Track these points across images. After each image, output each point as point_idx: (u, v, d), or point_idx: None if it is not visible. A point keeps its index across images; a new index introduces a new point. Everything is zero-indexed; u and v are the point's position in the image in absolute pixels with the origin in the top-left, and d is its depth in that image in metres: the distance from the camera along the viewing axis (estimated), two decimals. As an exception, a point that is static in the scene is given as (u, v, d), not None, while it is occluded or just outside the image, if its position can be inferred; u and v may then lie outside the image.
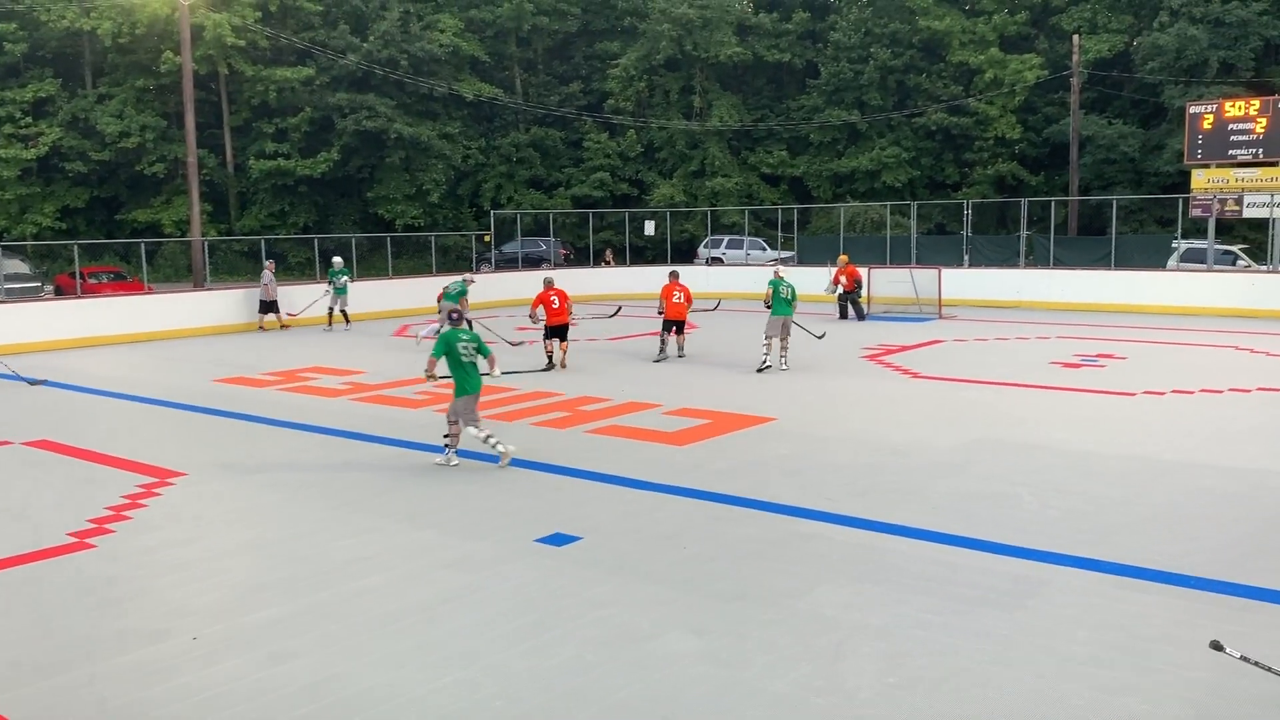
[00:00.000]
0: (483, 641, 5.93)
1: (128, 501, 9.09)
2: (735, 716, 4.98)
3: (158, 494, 9.37)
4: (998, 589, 6.63)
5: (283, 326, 24.69)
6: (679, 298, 17.87)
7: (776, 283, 16.57)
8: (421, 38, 44.29)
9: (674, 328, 17.95)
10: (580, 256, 40.27)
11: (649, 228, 36.91)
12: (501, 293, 30.77)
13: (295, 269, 40.70)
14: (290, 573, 7.20)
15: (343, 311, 24.34)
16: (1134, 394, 13.70)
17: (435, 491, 9.38)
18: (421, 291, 28.75)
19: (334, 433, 12.12)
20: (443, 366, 10.34)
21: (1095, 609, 6.27)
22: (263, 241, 30.45)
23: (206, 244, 32.93)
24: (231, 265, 41.16)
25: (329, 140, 44.00)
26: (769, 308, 16.42)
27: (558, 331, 16.99)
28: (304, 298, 25.03)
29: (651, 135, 46.15)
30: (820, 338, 19.01)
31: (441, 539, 7.90)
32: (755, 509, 8.59)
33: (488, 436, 10.21)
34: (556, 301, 16.82)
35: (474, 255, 37.39)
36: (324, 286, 24.79)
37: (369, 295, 27.02)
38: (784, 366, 16.42)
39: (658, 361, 17.60)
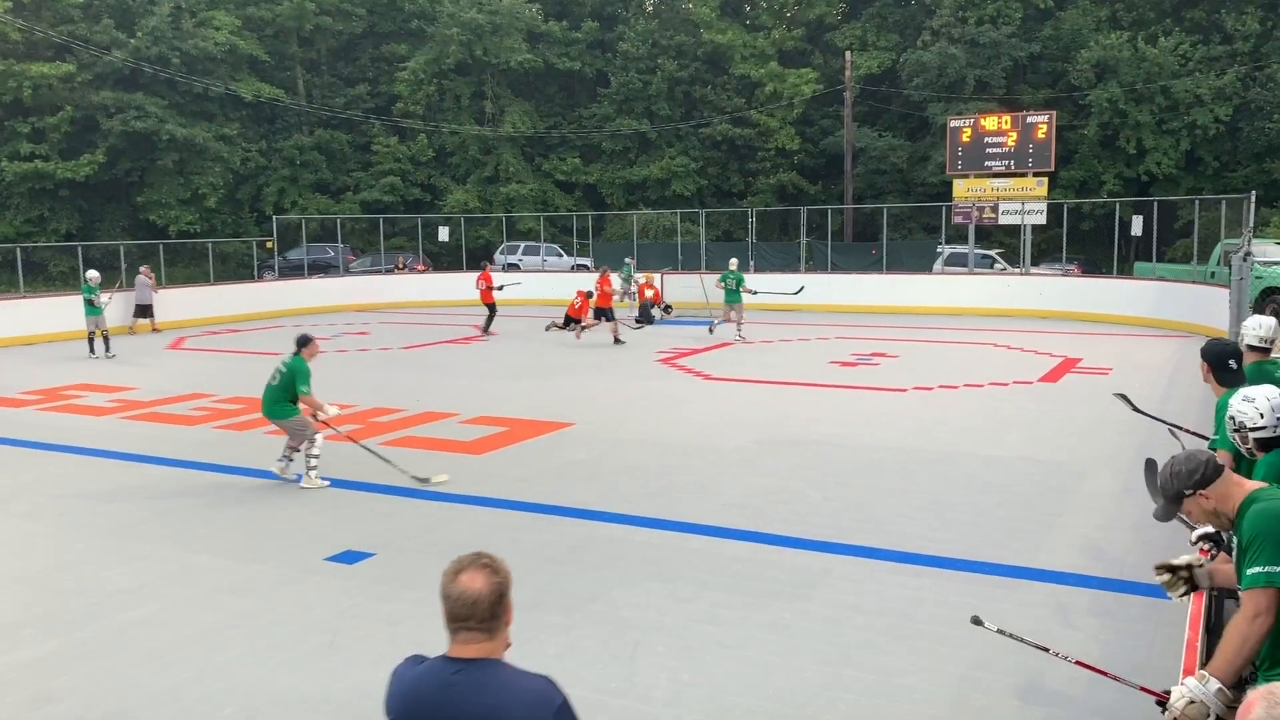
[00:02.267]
0: (269, 668, 5.67)
1: None
2: (533, 724, 4.96)
3: (-108, 530, 8.46)
4: (784, 581, 6.92)
5: (154, 330, 24.73)
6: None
7: (725, 274, 21.91)
8: (195, 35, 41.96)
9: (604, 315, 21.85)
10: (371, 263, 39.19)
11: (443, 234, 36.36)
12: (293, 300, 29.57)
13: (57, 280, 37.67)
14: (53, 607, 6.65)
15: (104, 335, 20.17)
16: (905, 390, 14.60)
17: (214, 513, 8.89)
18: (199, 301, 27.27)
19: (101, 454, 11.28)
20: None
21: (872, 595, 6.64)
22: (18, 250, 28.04)
23: (-51, 252, 30.05)
24: (-19, 275, 37.64)
25: (93, 141, 40.99)
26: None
27: (601, 312, 21.47)
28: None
29: (443, 140, 45.51)
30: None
31: (222, 563, 7.50)
32: (554, 515, 8.61)
33: (283, 460, 10.00)
34: (597, 289, 21.68)
35: (255, 263, 35.72)
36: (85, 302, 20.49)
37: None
38: (739, 337, 21.13)
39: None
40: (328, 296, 30.85)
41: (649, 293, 26.10)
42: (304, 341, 9.85)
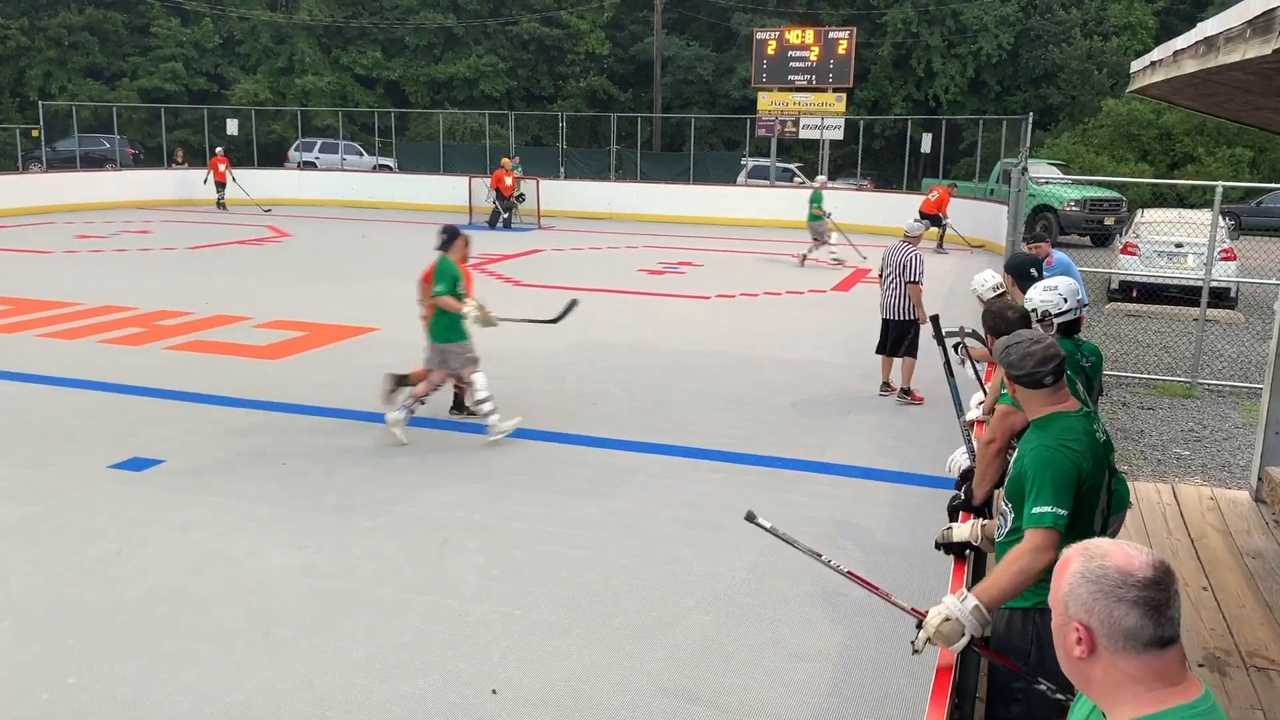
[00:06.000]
0: (48, 579, 5.36)
1: None
2: (341, 625, 4.94)
3: None
4: (590, 478, 7.07)
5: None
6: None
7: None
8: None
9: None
10: (152, 157, 36.44)
11: (231, 127, 34.07)
12: (64, 195, 27.19)
13: None
14: None
15: None
16: (709, 297, 14.99)
17: (-18, 420, 8.23)
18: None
19: None
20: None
21: (675, 490, 6.89)
22: None
23: None
24: None
25: None
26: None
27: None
28: None
29: (232, 26, 42.41)
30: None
31: (-8, 472, 6.98)
32: (358, 419, 8.44)
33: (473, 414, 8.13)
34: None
35: (19, 153, 32.55)
36: None
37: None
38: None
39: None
40: (103, 192, 28.56)
41: (508, 180, 25.09)
42: (451, 235, 7.96)
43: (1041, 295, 4.50)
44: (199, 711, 4.16)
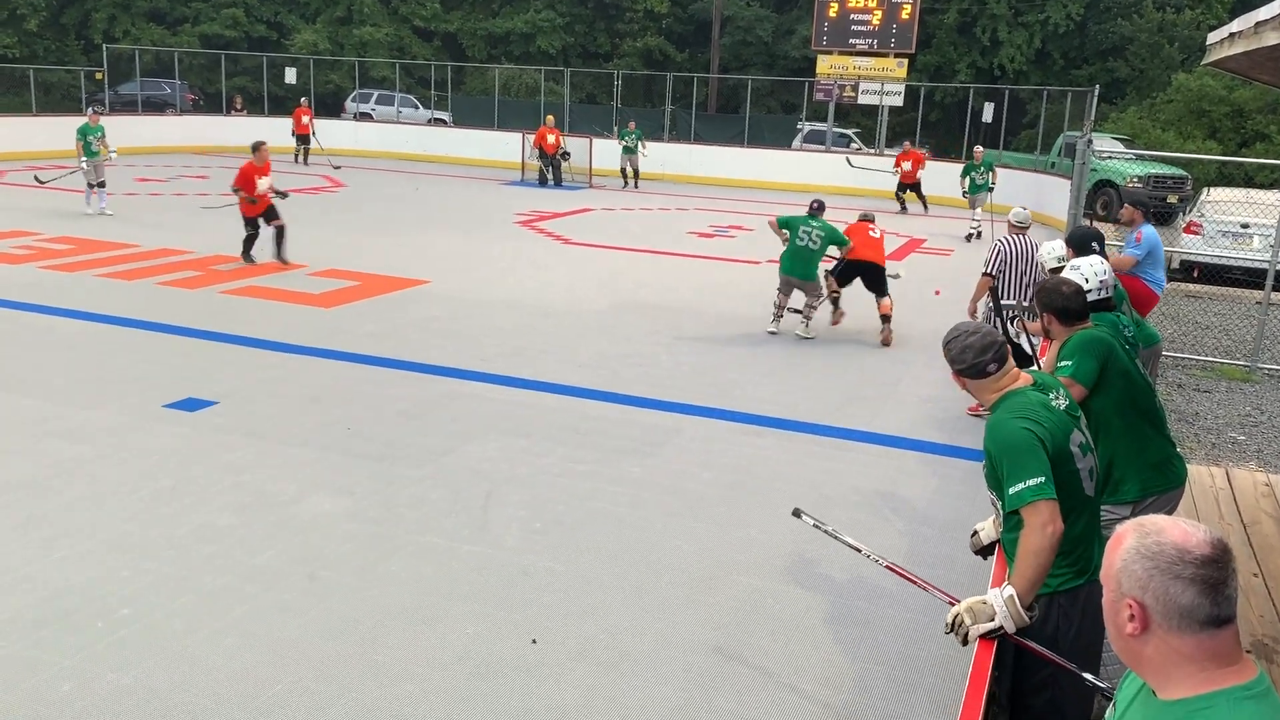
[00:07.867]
0: (104, 513, 5.50)
1: None
2: (384, 569, 5.01)
3: None
4: (635, 438, 7.09)
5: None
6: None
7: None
8: None
9: None
10: (211, 103, 36.78)
11: (290, 75, 34.25)
12: (125, 139, 27.51)
13: None
14: None
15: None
16: (759, 262, 14.86)
17: (41, 356, 8.42)
18: (21, 133, 25.18)
19: (-91, 291, 10.46)
20: None
21: (719, 453, 6.88)
22: None
23: None
24: None
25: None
26: None
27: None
28: None
29: (292, -26, 42.53)
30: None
31: (52, 407, 7.15)
32: (406, 370, 8.52)
33: (805, 322, 10.38)
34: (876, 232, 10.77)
35: (83, 95, 32.99)
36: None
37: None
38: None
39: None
40: (163, 136, 28.92)
41: (550, 138, 24.80)
42: (821, 206, 10.50)
43: (1069, 275, 4.55)
44: (245, 648, 4.26)
